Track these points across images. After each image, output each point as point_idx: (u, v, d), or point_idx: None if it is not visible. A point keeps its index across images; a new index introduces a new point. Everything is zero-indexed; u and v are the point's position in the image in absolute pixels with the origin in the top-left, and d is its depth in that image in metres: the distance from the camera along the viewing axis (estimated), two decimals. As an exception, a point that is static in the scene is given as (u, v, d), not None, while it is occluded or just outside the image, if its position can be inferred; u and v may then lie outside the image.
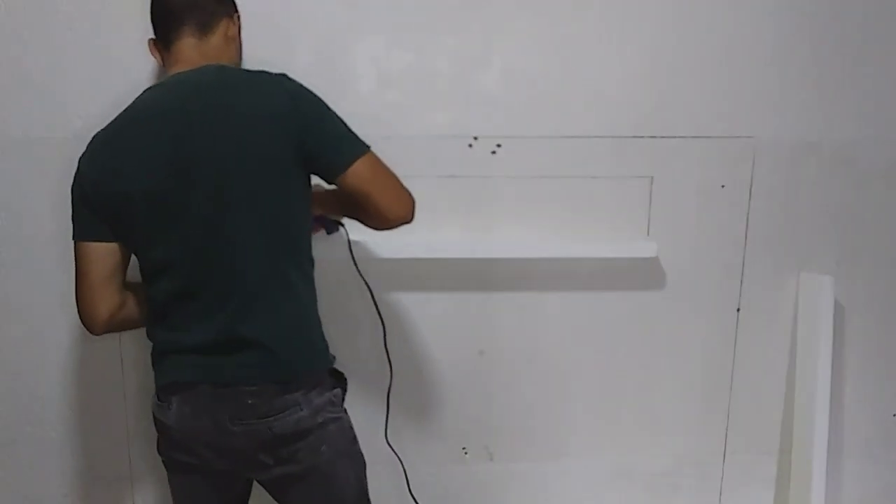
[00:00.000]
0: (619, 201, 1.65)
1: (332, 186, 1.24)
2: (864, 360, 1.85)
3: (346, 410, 1.31)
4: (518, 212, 1.63)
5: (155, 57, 1.34)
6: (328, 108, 1.22)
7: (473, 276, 1.66)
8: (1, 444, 1.64)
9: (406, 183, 1.55)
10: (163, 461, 1.33)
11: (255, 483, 1.38)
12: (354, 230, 1.47)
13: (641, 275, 1.69)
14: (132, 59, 1.48)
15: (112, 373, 1.62)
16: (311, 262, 1.29)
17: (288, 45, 1.51)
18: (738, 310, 1.77)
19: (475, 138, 1.58)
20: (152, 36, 1.32)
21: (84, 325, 1.27)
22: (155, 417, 1.28)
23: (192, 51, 1.26)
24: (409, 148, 1.57)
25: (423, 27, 1.54)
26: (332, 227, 1.50)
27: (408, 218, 1.24)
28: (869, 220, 1.76)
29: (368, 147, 1.21)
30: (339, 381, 1.31)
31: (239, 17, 1.36)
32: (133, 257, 1.27)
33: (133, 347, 1.61)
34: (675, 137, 1.65)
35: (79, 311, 1.26)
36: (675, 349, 1.77)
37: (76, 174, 1.25)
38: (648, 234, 1.67)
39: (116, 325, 1.29)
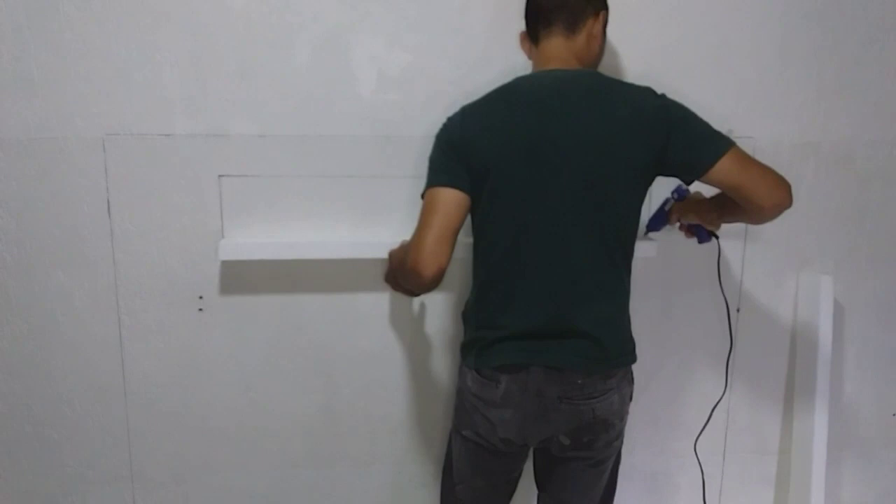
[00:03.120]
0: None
1: (714, 191, 1.31)
2: (864, 359, 1.85)
3: None
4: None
5: (524, 49, 1.41)
6: (692, 113, 1.26)
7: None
8: (1, 443, 1.64)
9: (406, 183, 1.57)
10: (461, 435, 1.41)
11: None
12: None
13: (641, 275, 1.69)
14: (132, 59, 1.48)
15: (112, 372, 1.62)
16: (631, 261, 1.33)
17: (288, 45, 1.51)
18: (738, 310, 1.77)
19: (475, 138, 1.58)
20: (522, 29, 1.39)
21: (417, 276, 1.25)
22: (470, 393, 1.35)
23: (561, 49, 1.31)
24: (410, 148, 1.57)
25: (423, 27, 1.54)
26: (706, 237, 1.53)
27: (786, 203, 1.24)
28: (868, 220, 1.76)
29: (734, 143, 1.24)
30: (632, 379, 1.37)
31: (606, 13, 1.36)
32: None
33: (134, 346, 1.61)
34: (674, 137, 1.65)
35: (416, 261, 1.25)
36: (675, 349, 1.77)
37: (445, 129, 1.33)
38: (647, 234, 1.67)
39: (440, 281, 1.29)
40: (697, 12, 1.61)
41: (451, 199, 1.27)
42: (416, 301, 1.66)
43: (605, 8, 1.36)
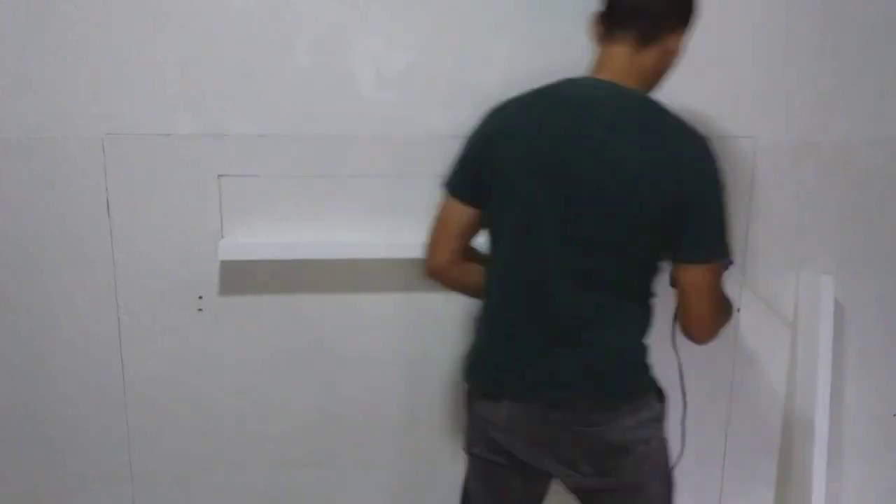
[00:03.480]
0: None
1: None
2: (865, 359, 1.84)
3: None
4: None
5: (592, 36, 1.26)
6: (723, 199, 1.15)
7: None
8: (1, 443, 1.64)
9: (406, 183, 1.57)
10: (471, 455, 1.35)
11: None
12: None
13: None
14: (132, 59, 1.48)
15: (112, 372, 1.62)
16: (651, 293, 1.25)
17: (288, 44, 1.51)
18: (738, 310, 1.76)
19: (475, 138, 1.58)
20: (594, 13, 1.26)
21: (427, 266, 1.33)
22: (476, 414, 1.29)
23: (623, 61, 1.19)
24: (409, 148, 1.57)
25: (423, 27, 1.54)
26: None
27: (698, 342, 1.23)
28: (869, 219, 1.76)
29: (724, 260, 1.18)
30: (662, 400, 1.29)
31: (688, 31, 1.23)
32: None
33: (134, 347, 1.61)
34: (675, 137, 1.64)
35: (427, 253, 1.33)
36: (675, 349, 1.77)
37: (475, 131, 1.27)
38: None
39: (450, 281, 1.34)
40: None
41: (456, 211, 1.27)
42: (417, 301, 1.66)
43: (691, 22, 1.22)
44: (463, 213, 1.27)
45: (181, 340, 1.62)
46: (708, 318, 1.19)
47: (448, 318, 1.68)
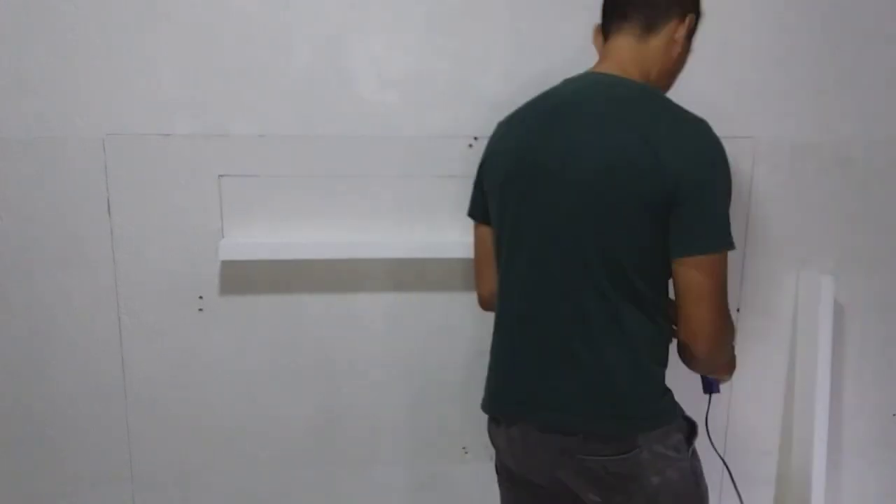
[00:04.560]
0: (619, 201, 1.65)
1: None
2: (864, 359, 1.85)
3: (694, 453, 1.19)
4: (518, 212, 1.63)
5: (595, 45, 1.24)
6: (725, 188, 1.05)
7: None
8: (1, 443, 1.64)
9: (406, 183, 1.57)
10: (499, 484, 1.32)
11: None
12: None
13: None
14: (132, 58, 1.48)
15: (112, 373, 1.62)
16: (657, 307, 1.12)
17: (288, 45, 1.51)
18: (738, 310, 1.77)
19: (475, 138, 1.58)
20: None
21: (478, 299, 1.38)
22: (491, 440, 1.26)
23: (627, 52, 1.14)
24: (409, 148, 1.57)
25: (423, 27, 1.54)
26: (712, 388, 1.42)
27: (698, 355, 1.09)
28: (868, 219, 1.76)
29: (723, 250, 1.04)
30: (683, 429, 1.17)
31: (696, 18, 1.17)
32: None
33: (134, 347, 1.61)
34: (674, 137, 1.64)
35: (475, 286, 1.37)
36: (675, 349, 1.77)
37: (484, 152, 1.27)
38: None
39: (487, 307, 1.34)
40: (697, 12, 1.61)
41: (478, 233, 1.31)
42: (417, 301, 1.66)
43: (696, 12, 1.17)
44: (485, 233, 1.28)
45: (181, 340, 1.62)
46: (709, 316, 1.05)
47: (448, 319, 1.68)
